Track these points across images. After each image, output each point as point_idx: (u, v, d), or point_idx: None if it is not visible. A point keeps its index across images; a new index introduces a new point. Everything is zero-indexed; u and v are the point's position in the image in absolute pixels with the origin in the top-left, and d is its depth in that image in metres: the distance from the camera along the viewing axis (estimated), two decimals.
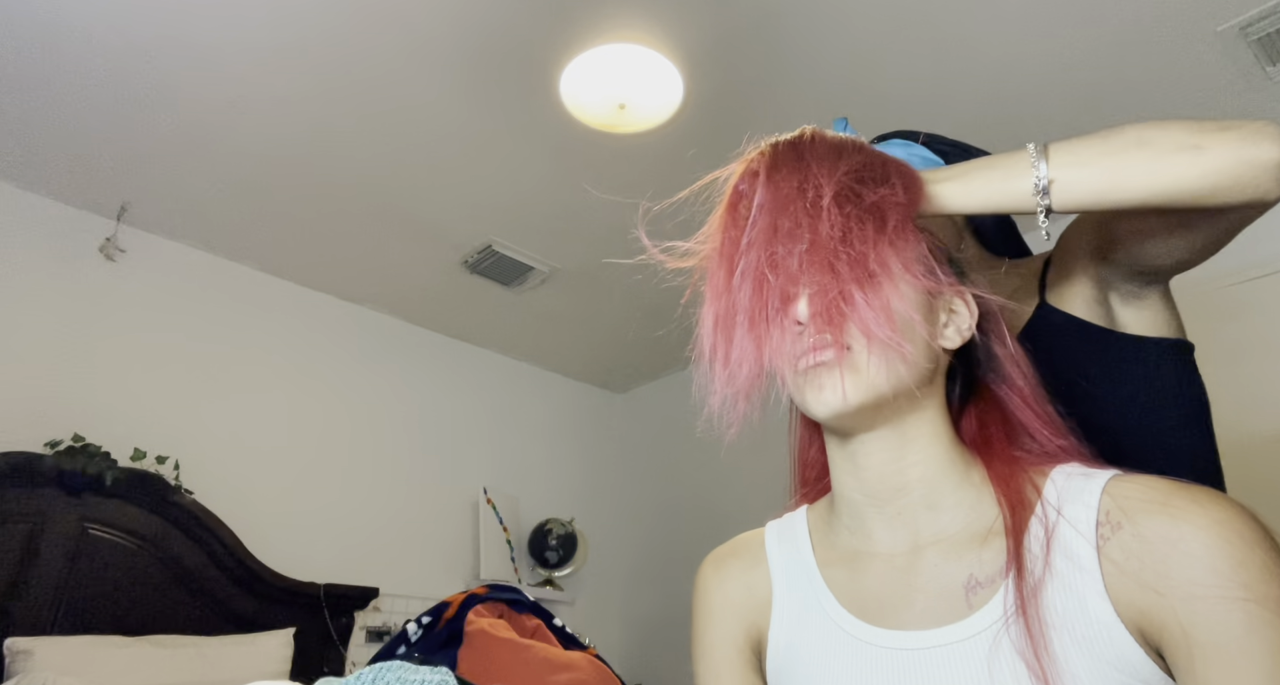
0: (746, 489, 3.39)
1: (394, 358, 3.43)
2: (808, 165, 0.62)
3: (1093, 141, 0.62)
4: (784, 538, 0.73)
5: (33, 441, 2.35)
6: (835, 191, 0.60)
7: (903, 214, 0.61)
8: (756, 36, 2.09)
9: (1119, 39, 2.08)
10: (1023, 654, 0.53)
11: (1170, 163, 0.58)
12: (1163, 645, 0.51)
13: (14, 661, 1.96)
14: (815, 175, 0.61)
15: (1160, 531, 0.53)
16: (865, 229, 0.59)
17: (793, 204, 0.60)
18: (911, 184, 0.63)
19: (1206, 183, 0.57)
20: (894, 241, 0.60)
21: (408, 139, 2.46)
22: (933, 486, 0.63)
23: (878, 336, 0.58)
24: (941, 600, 0.59)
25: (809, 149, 0.64)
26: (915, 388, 0.61)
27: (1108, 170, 0.60)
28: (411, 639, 1.67)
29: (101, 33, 2.06)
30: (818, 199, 0.60)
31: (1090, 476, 0.59)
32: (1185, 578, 0.51)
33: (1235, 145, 0.57)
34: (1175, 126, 0.59)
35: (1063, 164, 0.61)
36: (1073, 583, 0.55)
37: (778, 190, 0.62)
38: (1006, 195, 0.63)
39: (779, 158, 0.64)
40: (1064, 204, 0.62)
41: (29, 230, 2.61)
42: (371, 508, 3.13)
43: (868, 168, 0.63)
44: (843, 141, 0.65)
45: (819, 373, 0.60)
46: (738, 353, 0.60)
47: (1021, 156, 0.63)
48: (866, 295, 0.58)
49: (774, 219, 0.61)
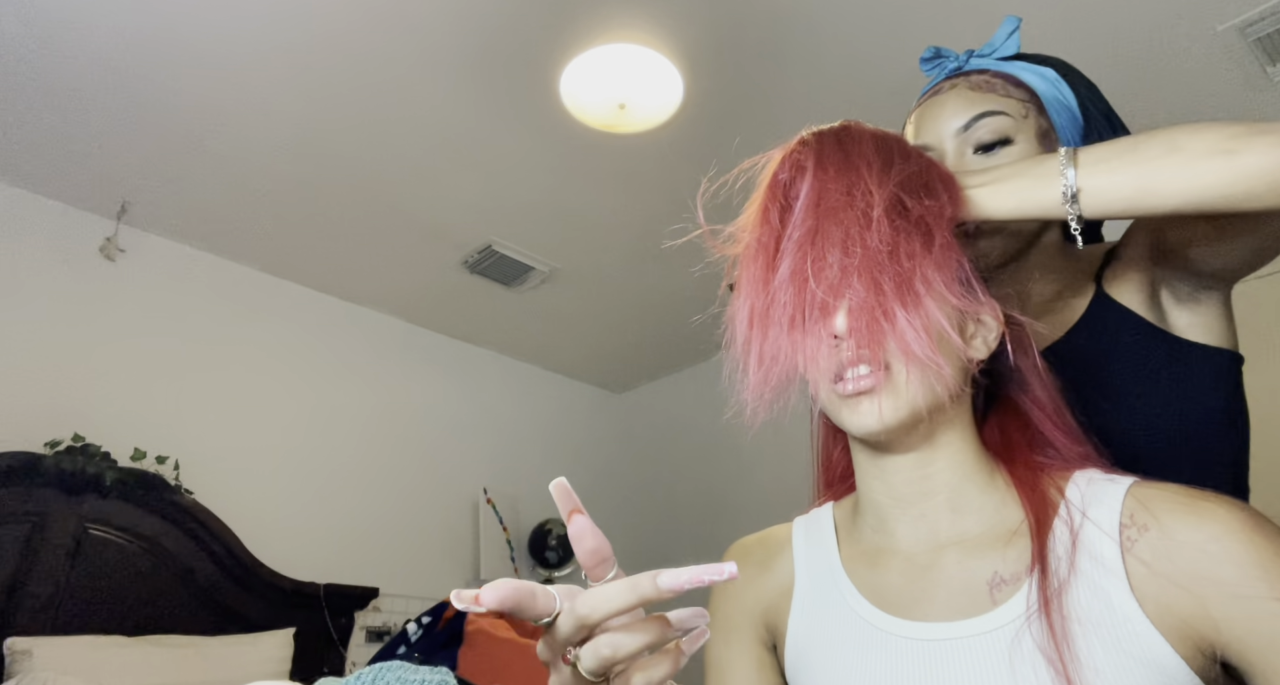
0: (747, 489, 3.39)
1: (394, 358, 3.43)
2: (857, 169, 0.61)
3: (1123, 147, 0.61)
4: (810, 532, 0.74)
5: (33, 441, 2.35)
6: (887, 203, 0.59)
7: (948, 229, 0.60)
8: (756, 36, 2.09)
9: (1119, 39, 2.08)
10: (1044, 649, 0.54)
11: (1203, 169, 0.57)
12: (1215, 647, 0.53)
13: (14, 661, 1.96)
14: (866, 182, 0.60)
15: (1188, 533, 0.54)
16: (912, 244, 0.58)
17: (842, 211, 0.59)
18: (955, 194, 0.62)
19: (1240, 188, 0.57)
20: (939, 260, 0.59)
21: (408, 139, 2.46)
22: (958, 491, 0.64)
23: (918, 356, 0.57)
24: (964, 594, 0.60)
25: (856, 149, 0.63)
26: (947, 402, 0.62)
27: (1138, 177, 0.59)
28: (411, 639, 1.68)
29: (101, 33, 2.06)
30: (868, 209, 0.58)
31: (1113, 481, 0.60)
32: (1220, 578, 0.53)
33: (1270, 149, 0.55)
34: (1208, 131, 0.58)
35: (1092, 172, 0.60)
36: (1098, 582, 0.56)
37: (825, 192, 0.60)
38: (1037, 202, 0.62)
39: (825, 153, 0.63)
40: (1094, 212, 0.61)
41: (29, 230, 2.61)
42: (371, 507, 3.13)
43: (916, 176, 0.61)
44: (887, 141, 0.64)
45: (859, 392, 0.60)
46: (772, 351, 0.60)
47: (1051, 163, 0.62)
48: (909, 314, 0.57)
49: (820, 223, 0.60)
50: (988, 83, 0.84)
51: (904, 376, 0.59)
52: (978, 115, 0.81)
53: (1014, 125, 0.81)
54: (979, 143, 0.80)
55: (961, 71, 0.87)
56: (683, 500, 3.78)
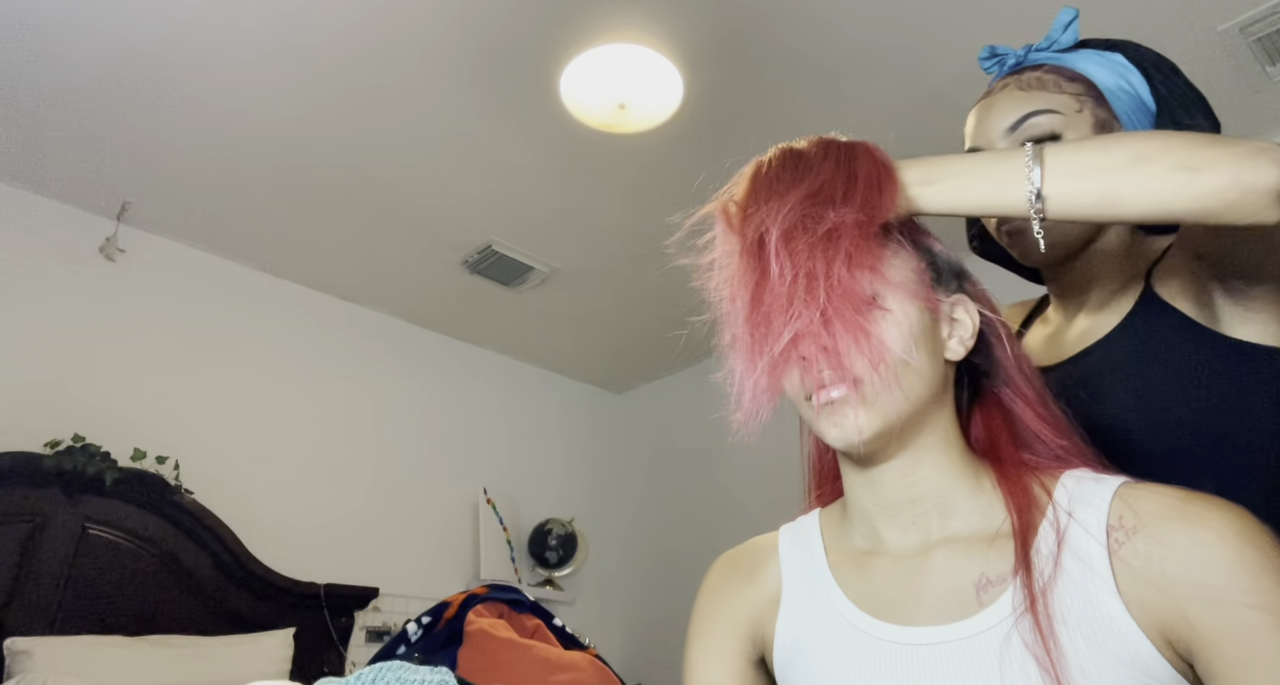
0: (747, 489, 3.39)
1: (394, 358, 3.43)
2: (760, 204, 0.62)
3: (1091, 152, 0.60)
4: (797, 539, 0.74)
5: (33, 441, 2.35)
6: (784, 229, 0.59)
7: (859, 234, 0.59)
8: (756, 36, 2.09)
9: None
10: (1032, 649, 0.54)
11: (1165, 183, 0.57)
12: (1185, 648, 0.53)
13: (14, 661, 1.96)
14: (763, 215, 0.61)
15: (1177, 538, 0.54)
16: (824, 262, 0.58)
17: (751, 252, 0.61)
18: (873, 196, 0.61)
19: (1198, 205, 0.57)
20: (855, 266, 0.58)
21: (408, 139, 2.46)
22: (945, 496, 0.64)
23: (874, 373, 0.59)
24: (951, 598, 0.60)
25: (766, 180, 0.64)
26: (926, 405, 0.62)
27: (1102, 185, 0.59)
28: (411, 639, 1.67)
29: (101, 33, 2.06)
30: (763, 241, 0.60)
31: (1101, 481, 0.60)
32: (1202, 582, 0.52)
33: (1231, 169, 0.55)
34: (1176, 143, 0.58)
35: (1058, 176, 0.60)
36: (1082, 582, 0.56)
37: (739, 235, 0.62)
38: (999, 203, 0.62)
39: (748, 193, 0.64)
40: (1058, 216, 0.61)
41: (29, 230, 2.61)
42: (371, 508, 3.13)
43: (826, 188, 0.61)
44: (799, 157, 0.64)
45: (833, 409, 0.61)
46: (755, 377, 0.61)
47: (1016, 162, 0.61)
48: (850, 332, 0.58)
49: (742, 265, 0.62)
50: (1039, 80, 0.83)
51: (873, 389, 0.60)
52: (1025, 115, 0.81)
53: (1064, 122, 0.80)
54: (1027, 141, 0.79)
55: (1019, 68, 0.86)
56: (683, 500, 3.78)
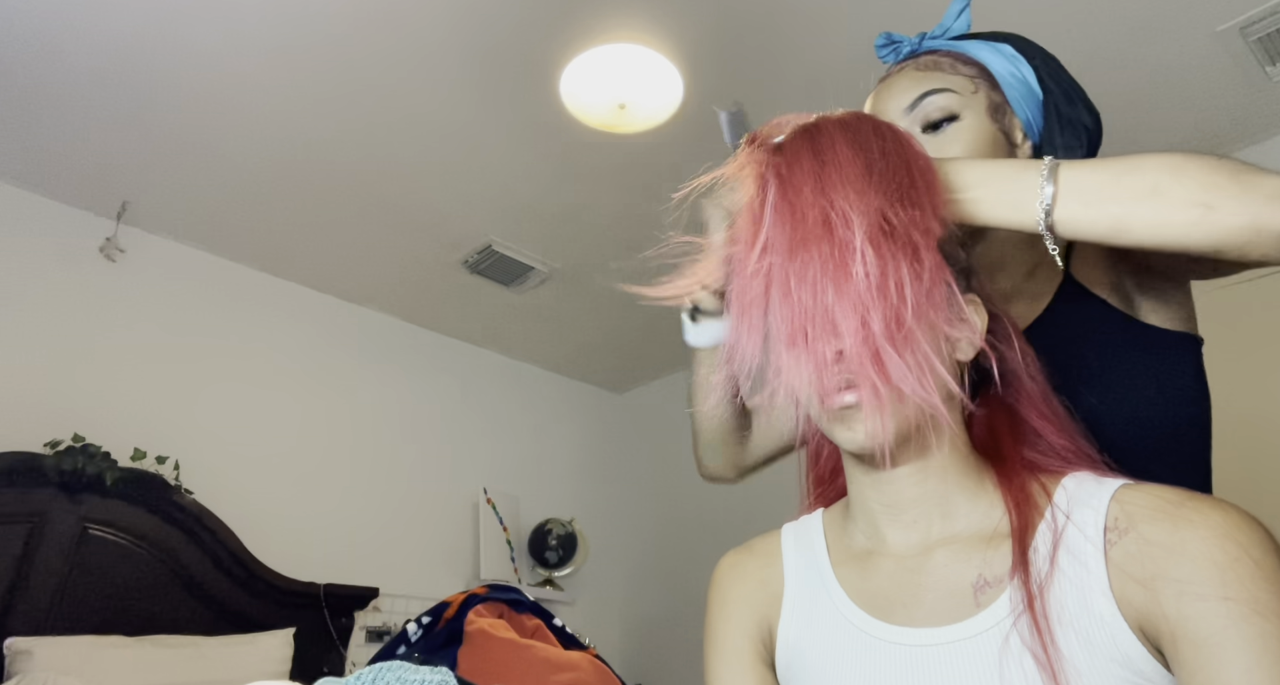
0: (747, 489, 3.39)
1: (394, 358, 3.43)
2: (833, 186, 0.58)
3: (1105, 177, 0.59)
4: (799, 538, 0.74)
5: (33, 441, 2.35)
6: (870, 226, 0.55)
7: (934, 246, 0.58)
8: (756, 36, 2.09)
9: (1119, 39, 2.08)
10: (1031, 650, 0.55)
11: (1178, 219, 0.56)
12: (1160, 642, 0.53)
13: (14, 661, 1.96)
14: (842, 205, 0.56)
15: (1162, 536, 0.54)
16: (900, 271, 0.55)
17: (818, 242, 0.56)
18: (935, 194, 0.60)
19: (1210, 243, 0.56)
20: (931, 286, 0.56)
21: (408, 138, 2.46)
22: (948, 496, 0.64)
23: (910, 393, 0.57)
24: (950, 598, 0.60)
25: (831, 156, 0.59)
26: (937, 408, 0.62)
27: (1113, 216, 0.58)
28: (411, 639, 1.68)
29: (101, 33, 2.06)
30: (849, 239, 0.56)
31: (1101, 484, 0.60)
32: (1176, 576, 0.52)
33: (1247, 210, 0.54)
34: (1192, 175, 0.56)
35: (1070, 202, 0.59)
36: (1078, 581, 0.56)
37: (797, 216, 0.58)
38: (1010, 222, 0.62)
39: (796, 165, 0.60)
40: (1069, 236, 0.61)
41: (29, 230, 2.61)
42: (371, 508, 3.13)
43: (896, 180, 0.58)
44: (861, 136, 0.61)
45: (848, 414, 0.60)
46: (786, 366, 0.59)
47: (1030, 180, 0.61)
48: (899, 350, 0.56)
49: (796, 252, 0.57)
50: (934, 62, 0.84)
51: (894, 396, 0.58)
52: (923, 94, 0.82)
53: (961, 101, 0.81)
54: (926, 120, 0.81)
55: (915, 54, 0.88)
56: (683, 500, 3.78)
